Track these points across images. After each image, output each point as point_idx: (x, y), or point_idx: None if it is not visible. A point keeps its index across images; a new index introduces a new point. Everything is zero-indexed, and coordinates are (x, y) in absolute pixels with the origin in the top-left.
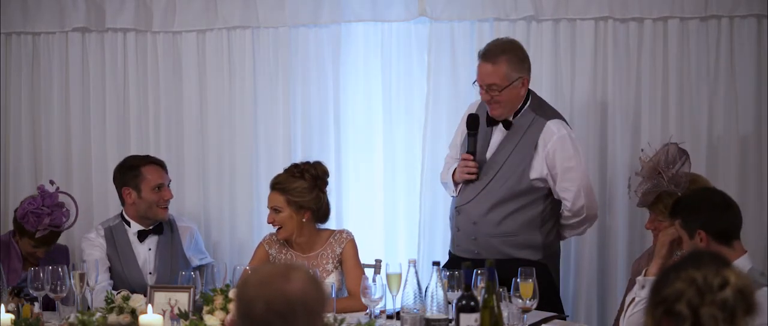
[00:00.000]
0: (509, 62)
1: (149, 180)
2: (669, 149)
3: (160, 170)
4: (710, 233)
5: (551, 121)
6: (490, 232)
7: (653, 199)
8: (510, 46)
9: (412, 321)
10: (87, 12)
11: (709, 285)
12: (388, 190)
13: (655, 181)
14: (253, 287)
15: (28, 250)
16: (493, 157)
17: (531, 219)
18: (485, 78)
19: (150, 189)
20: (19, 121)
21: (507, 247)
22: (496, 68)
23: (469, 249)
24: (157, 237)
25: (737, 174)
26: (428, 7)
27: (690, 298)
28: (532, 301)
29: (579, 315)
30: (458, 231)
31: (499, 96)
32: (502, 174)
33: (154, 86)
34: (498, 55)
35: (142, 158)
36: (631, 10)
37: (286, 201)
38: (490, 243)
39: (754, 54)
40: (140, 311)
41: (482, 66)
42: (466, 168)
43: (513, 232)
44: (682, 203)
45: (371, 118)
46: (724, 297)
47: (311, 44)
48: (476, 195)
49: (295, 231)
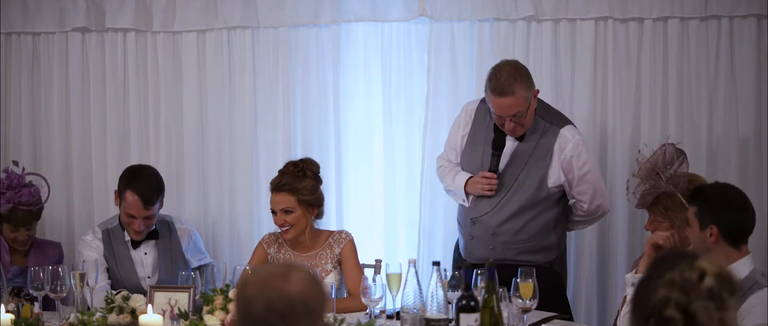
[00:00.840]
0: (523, 87)
1: (126, 205)
2: (666, 149)
3: (138, 203)
4: (722, 230)
5: (564, 128)
6: (508, 241)
7: (652, 200)
8: (516, 70)
9: (412, 321)
10: (87, 12)
11: (689, 281)
12: (388, 190)
13: (654, 182)
14: (253, 287)
15: (9, 236)
16: (507, 169)
17: (546, 223)
18: (510, 110)
19: (124, 213)
20: (19, 121)
21: (523, 254)
22: (516, 99)
23: (483, 257)
24: (155, 241)
25: (737, 175)
26: (428, 7)
27: (676, 300)
28: (532, 301)
29: (579, 315)
30: (472, 240)
31: (524, 119)
32: (519, 185)
33: (154, 86)
34: (512, 86)
35: (135, 182)
36: (631, 10)
37: (297, 201)
38: (507, 250)
39: (754, 54)
40: (140, 311)
41: (501, 101)
42: (488, 185)
43: (530, 238)
44: (703, 193)
45: (371, 118)
46: (708, 286)
47: (311, 44)
48: (493, 207)
49: (305, 229)
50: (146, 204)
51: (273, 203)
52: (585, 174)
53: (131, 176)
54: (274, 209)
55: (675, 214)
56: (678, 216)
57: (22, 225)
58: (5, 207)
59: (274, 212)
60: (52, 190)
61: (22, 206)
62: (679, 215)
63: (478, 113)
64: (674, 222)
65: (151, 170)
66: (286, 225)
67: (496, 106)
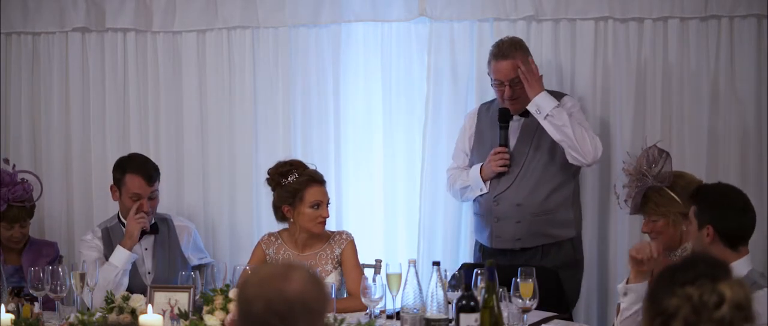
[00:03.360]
0: (521, 53)
1: (128, 187)
2: (649, 151)
3: (141, 181)
4: (719, 232)
5: (565, 97)
6: (535, 211)
7: (642, 200)
8: (517, 41)
9: (412, 321)
10: (87, 12)
11: (704, 304)
12: (388, 190)
13: (641, 183)
14: (253, 286)
15: (5, 235)
16: (517, 145)
17: (566, 197)
18: (509, 73)
19: (128, 197)
20: (19, 121)
21: (549, 226)
22: (514, 63)
23: (513, 237)
24: (154, 236)
25: (737, 175)
26: (428, 7)
27: (686, 316)
28: (532, 301)
29: (579, 315)
30: (498, 222)
31: (520, 89)
32: (532, 157)
33: (154, 86)
34: (512, 51)
35: (132, 164)
36: (631, 10)
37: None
38: (533, 223)
39: (754, 54)
40: (140, 311)
41: (501, 64)
42: (501, 159)
43: (554, 209)
44: (704, 192)
45: (371, 117)
46: (720, 315)
47: (311, 44)
48: (513, 181)
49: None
50: (149, 181)
51: (321, 194)
52: (573, 112)
53: (126, 161)
54: (320, 201)
55: (667, 209)
56: (670, 210)
57: (17, 221)
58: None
59: (318, 205)
60: (51, 190)
61: (16, 203)
62: (672, 209)
63: (480, 113)
64: (668, 217)
65: (141, 155)
66: (326, 218)
67: (496, 69)
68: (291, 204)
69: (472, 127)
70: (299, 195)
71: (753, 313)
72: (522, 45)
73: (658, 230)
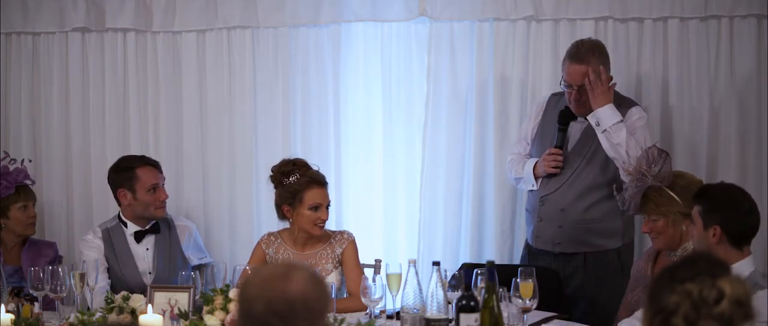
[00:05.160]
0: (597, 62)
1: (144, 181)
2: (649, 152)
3: (154, 171)
4: (726, 232)
5: (634, 107)
6: (577, 219)
7: (641, 200)
8: (598, 47)
9: (412, 321)
10: (87, 12)
11: (704, 300)
12: (388, 190)
13: (640, 182)
14: (254, 287)
15: (21, 216)
16: (575, 148)
17: (612, 208)
18: (578, 79)
19: (145, 191)
20: (19, 120)
21: (591, 236)
22: (586, 69)
23: (552, 240)
24: (155, 236)
25: (737, 175)
26: (428, 6)
27: (686, 313)
28: (532, 301)
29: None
30: (541, 222)
31: (588, 96)
32: (586, 163)
33: (154, 86)
34: (588, 56)
35: (136, 159)
36: (631, 10)
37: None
38: (574, 230)
39: (754, 54)
40: (140, 311)
41: (573, 67)
42: (554, 161)
43: (598, 219)
44: (710, 192)
45: (371, 117)
46: (720, 311)
47: (311, 44)
48: (561, 184)
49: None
50: (159, 170)
51: (320, 197)
52: (636, 129)
53: (129, 160)
54: (319, 203)
55: (667, 209)
56: (670, 210)
57: (31, 198)
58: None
59: (317, 207)
60: (51, 190)
61: (22, 183)
62: (672, 208)
63: (549, 104)
64: (668, 217)
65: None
66: (325, 221)
67: (567, 71)
68: (291, 204)
69: (538, 118)
70: (299, 197)
71: (752, 311)
72: (601, 50)
73: (658, 230)
